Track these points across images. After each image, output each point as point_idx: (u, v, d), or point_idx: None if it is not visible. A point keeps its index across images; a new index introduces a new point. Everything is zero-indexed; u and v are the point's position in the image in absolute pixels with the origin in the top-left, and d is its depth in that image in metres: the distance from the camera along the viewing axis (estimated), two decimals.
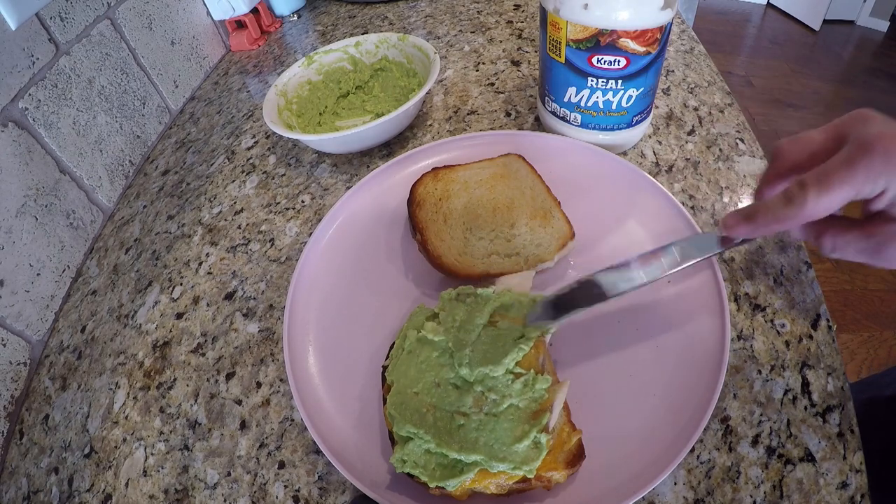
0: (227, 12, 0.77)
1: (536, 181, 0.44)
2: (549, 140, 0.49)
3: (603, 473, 0.31)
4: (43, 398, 0.43)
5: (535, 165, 0.46)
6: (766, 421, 0.33)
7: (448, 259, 0.41)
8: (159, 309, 0.47)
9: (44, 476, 0.39)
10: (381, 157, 0.55)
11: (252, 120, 0.66)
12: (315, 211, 0.52)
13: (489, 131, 0.53)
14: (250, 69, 0.77)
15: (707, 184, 0.47)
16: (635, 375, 0.35)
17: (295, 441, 0.37)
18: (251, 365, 0.41)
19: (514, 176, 0.45)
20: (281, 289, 0.46)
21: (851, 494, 0.30)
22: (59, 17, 0.51)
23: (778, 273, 0.40)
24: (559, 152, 0.48)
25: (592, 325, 0.38)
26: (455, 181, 0.46)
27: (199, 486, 0.36)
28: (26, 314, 0.45)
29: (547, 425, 0.29)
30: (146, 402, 0.41)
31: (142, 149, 0.64)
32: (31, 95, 0.48)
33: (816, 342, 0.36)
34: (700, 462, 0.32)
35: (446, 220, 0.44)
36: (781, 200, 0.29)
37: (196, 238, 0.52)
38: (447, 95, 0.62)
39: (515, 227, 0.42)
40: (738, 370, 0.35)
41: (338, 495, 0.34)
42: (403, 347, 0.34)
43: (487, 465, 0.28)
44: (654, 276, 0.32)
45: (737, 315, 0.38)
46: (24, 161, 0.46)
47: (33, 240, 0.47)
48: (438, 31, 0.74)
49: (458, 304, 0.35)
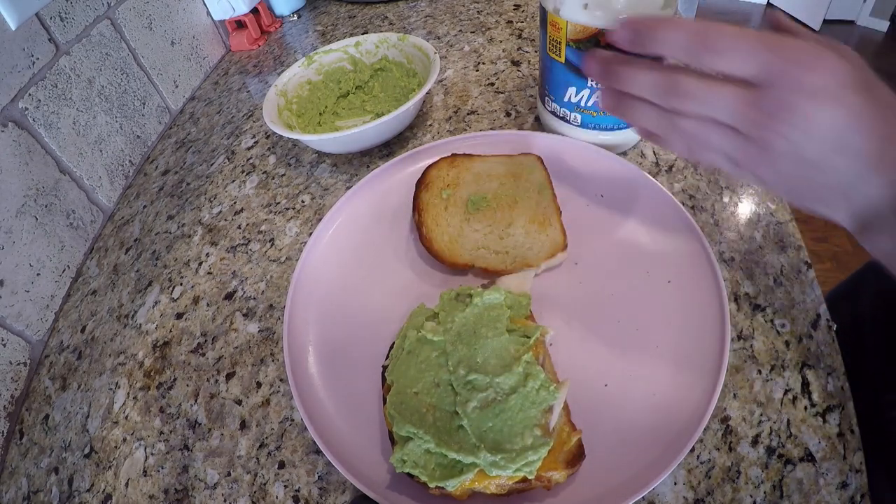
0: (227, 12, 0.77)
1: (546, 186, 0.45)
2: (550, 140, 0.49)
3: (603, 473, 0.31)
4: (43, 398, 0.43)
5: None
6: (766, 421, 0.33)
7: (438, 244, 0.42)
8: (159, 309, 0.47)
9: (44, 476, 0.39)
10: (381, 157, 0.55)
11: (252, 120, 0.66)
12: (315, 211, 0.52)
13: (489, 131, 0.53)
14: (250, 69, 0.77)
15: (707, 184, 0.47)
16: (635, 375, 0.35)
17: (295, 441, 0.37)
18: (251, 365, 0.41)
19: (526, 177, 0.45)
20: (281, 289, 0.46)
21: (851, 494, 0.30)
22: (59, 17, 0.51)
23: (778, 273, 0.40)
24: (559, 152, 0.48)
25: (592, 325, 0.38)
26: (469, 171, 0.47)
27: (199, 486, 0.36)
28: (26, 314, 0.45)
29: (547, 425, 0.29)
30: (146, 402, 0.41)
31: (142, 149, 0.64)
32: (31, 95, 0.48)
33: (816, 342, 0.36)
34: (700, 462, 0.32)
35: (447, 206, 0.44)
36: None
37: (196, 238, 0.52)
38: (447, 95, 0.62)
39: (512, 227, 0.42)
40: (738, 370, 0.35)
41: (338, 495, 0.34)
42: (403, 347, 0.34)
43: (487, 468, 0.28)
44: None
45: (737, 315, 0.38)
46: (24, 161, 0.46)
47: (33, 240, 0.47)
48: (438, 31, 0.74)
49: (458, 304, 0.35)
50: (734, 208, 0.45)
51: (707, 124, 0.29)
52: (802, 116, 0.26)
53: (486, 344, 0.32)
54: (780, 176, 0.29)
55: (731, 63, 0.26)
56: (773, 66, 0.25)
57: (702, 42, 0.26)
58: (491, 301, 0.35)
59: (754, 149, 0.28)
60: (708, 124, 0.29)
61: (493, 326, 0.34)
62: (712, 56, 0.26)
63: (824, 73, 0.25)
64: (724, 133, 0.28)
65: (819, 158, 0.27)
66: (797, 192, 0.29)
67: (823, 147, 0.26)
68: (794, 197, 0.30)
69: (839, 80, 0.25)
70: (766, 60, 0.26)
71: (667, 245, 0.41)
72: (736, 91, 0.27)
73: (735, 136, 0.28)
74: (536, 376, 0.31)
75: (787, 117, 0.26)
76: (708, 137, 0.29)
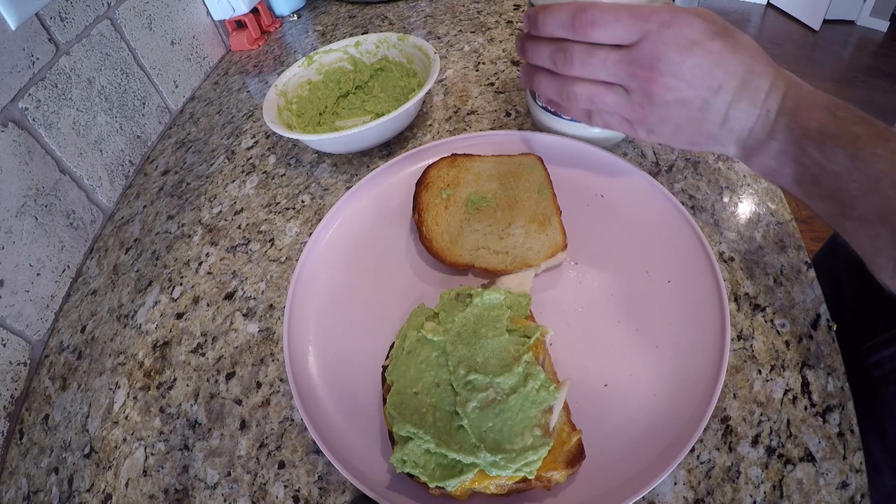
0: (227, 12, 0.77)
1: (546, 186, 0.45)
2: (550, 140, 0.49)
3: (603, 473, 0.31)
4: (43, 398, 0.43)
5: None
6: (766, 421, 0.33)
7: (438, 243, 0.42)
8: (159, 309, 0.47)
9: (44, 476, 0.39)
10: (381, 157, 0.55)
11: (252, 120, 0.66)
12: (315, 211, 0.52)
13: (489, 131, 0.53)
14: (250, 69, 0.77)
15: (707, 184, 0.47)
16: (635, 375, 0.35)
17: (295, 441, 0.37)
18: (251, 365, 0.41)
19: (526, 177, 0.45)
20: (281, 289, 0.46)
21: (851, 494, 0.30)
22: (59, 17, 0.51)
23: (778, 273, 0.40)
24: (559, 152, 0.48)
25: (592, 325, 0.38)
26: (469, 171, 0.47)
27: (199, 486, 0.36)
28: (26, 314, 0.45)
29: (547, 425, 0.29)
30: (146, 402, 0.41)
31: (142, 149, 0.64)
32: (31, 95, 0.48)
33: (816, 342, 0.36)
34: (700, 462, 0.32)
35: (447, 206, 0.45)
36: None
37: (196, 238, 0.52)
38: (447, 95, 0.62)
39: (512, 227, 0.42)
40: (738, 370, 0.35)
41: (338, 495, 0.34)
42: (403, 347, 0.34)
43: (487, 469, 0.28)
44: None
45: (737, 315, 0.38)
46: (24, 161, 0.46)
47: (33, 240, 0.47)
48: (438, 31, 0.74)
49: (458, 304, 0.35)
50: (734, 208, 0.45)
51: (597, 86, 0.34)
52: (672, 63, 0.30)
53: (486, 344, 0.32)
54: (670, 125, 0.33)
55: (605, 31, 0.31)
56: (640, 27, 0.30)
57: (578, 18, 0.31)
58: (491, 301, 0.35)
59: (641, 102, 0.33)
60: (598, 86, 0.34)
61: (493, 326, 0.34)
62: (589, 29, 0.31)
63: (684, 26, 0.30)
64: (613, 92, 0.33)
65: (697, 99, 0.31)
66: (689, 137, 0.33)
67: (699, 90, 0.31)
68: (686, 142, 0.34)
69: (698, 29, 0.30)
70: (633, 24, 0.31)
71: (667, 245, 0.41)
72: (612, 50, 0.32)
73: (623, 95, 0.33)
74: (536, 376, 0.31)
75: (660, 66, 0.30)
76: (601, 98, 0.34)
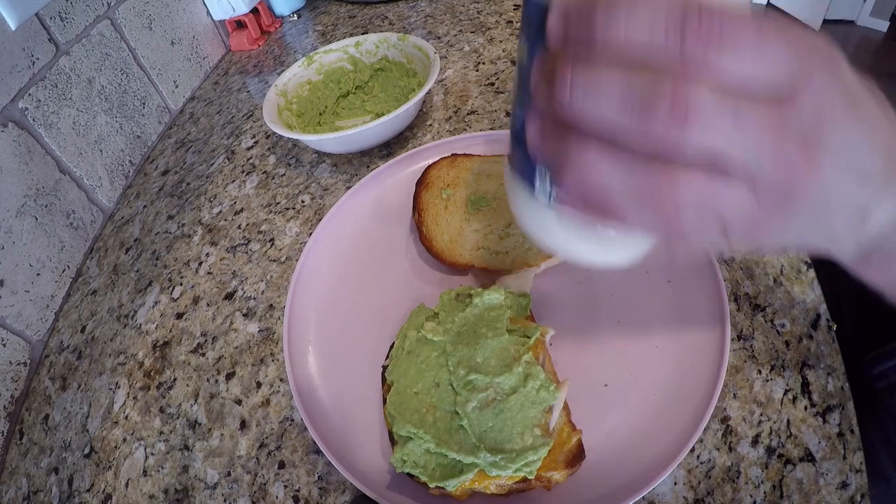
0: (227, 12, 0.77)
1: None
2: None
3: (603, 473, 0.31)
4: (43, 398, 0.43)
5: None
6: (766, 421, 0.33)
7: (438, 244, 0.42)
8: (159, 309, 0.47)
9: (44, 476, 0.39)
10: (381, 157, 0.55)
11: (252, 120, 0.66)
12: (315, 211, 0.52)
13: (489, 131, 0.53)
14: (250, 69, 0.77)
15: None
16: (635, 375, 0.35)
17: (295, 441, 0.37)
18: (251, 365, 0.41)
19: None
20: (281, 289, 0.46)
21: (851, 494, 0.30)
22: (59, 17, 0.51)
23: (778, 273, 0.40)
24: None
25: (592, 324, 0.38)
26: (469, 171, 0.47)
27: (199, 486, 0.36)
28: (26, 314, 0.45)
29: (547, 425, 0.29)
30: (146, 402, 0.41)
31: (142, 149, 0.64)
32: (31, 95, 0.48)
33: (816, 342, 0.36)
34: (700, 462, 0.32)
35: (447, 206, 0.45)
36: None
37: (196, 238, 0.52)
38: (447, 95, 0.62)
39: (512, 227, 0.42)
40: (738, 370, 0.35)
41: (338, 495, 0.34)
42: (403, 347, 0.34)
43: (487, 469, 0.28)
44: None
45: (737, 315, 0.38)
46: (24, 161, 0.46)
47: (33, 240, 0.47)
48: (438, 31, 0.74)
49: (458, 304, 0.35)
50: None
51: (714, 180, 0.16)
52: (838, 135, 0.17)
53: (486, 344, 0.32)
54: (789, 235, 0.19)
55: (741, 58, 0.15)
56: (798, 63, 0.16)
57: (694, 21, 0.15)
58: (491, 301, 0.35)
59: (773, 206, 0.17)
60: (715, 181, 0.16)
61: (493, 326, 0.33)
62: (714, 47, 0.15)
63: (843, 64, 0.17)
64: (733, 190, 0.16)
65: (843, 196, 0.18)
66: (796, 242, 0.21)
67: (850, 183, 0.18)
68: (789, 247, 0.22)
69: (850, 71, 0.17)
70: (787, 54, 0.15)
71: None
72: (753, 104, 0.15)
73: (748, 194, 0.17)
74: (536, 376, 0.31)
75: (822, 142, 0.16)
76: (717, 201, 0.17)
